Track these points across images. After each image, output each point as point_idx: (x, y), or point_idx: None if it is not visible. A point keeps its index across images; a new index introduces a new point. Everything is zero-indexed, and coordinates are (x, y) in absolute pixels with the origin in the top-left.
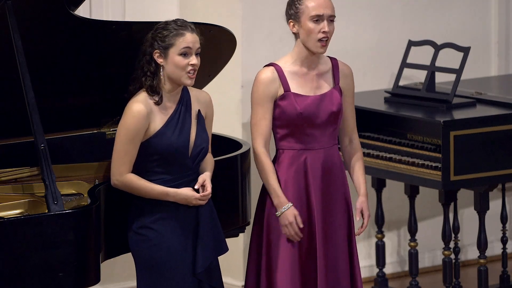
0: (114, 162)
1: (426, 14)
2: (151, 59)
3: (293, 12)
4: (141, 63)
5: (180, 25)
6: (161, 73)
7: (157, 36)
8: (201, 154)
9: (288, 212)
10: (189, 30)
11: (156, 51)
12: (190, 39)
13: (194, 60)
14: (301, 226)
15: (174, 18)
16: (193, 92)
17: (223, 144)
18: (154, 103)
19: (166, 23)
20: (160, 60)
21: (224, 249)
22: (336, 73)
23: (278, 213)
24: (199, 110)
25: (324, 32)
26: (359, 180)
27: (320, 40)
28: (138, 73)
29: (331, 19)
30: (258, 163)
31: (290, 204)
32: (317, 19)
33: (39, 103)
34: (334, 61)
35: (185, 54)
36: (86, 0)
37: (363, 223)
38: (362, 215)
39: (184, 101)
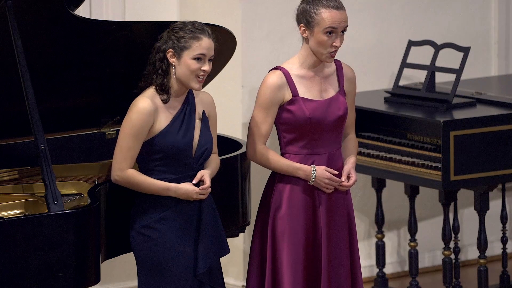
0: (116, 158)
1: (426, 14)
2: (164, 57)
3: (306, 19)
4: (153, 60)
5: (197, 28)
6: (172, 72)
7: (173, 36)
8: (204, 155)
9: (319, 174)
10: (206, 35)
11: (170, 50)
12: (206, 44)
13: (206, 66)
14: (337, 173)
15: (192, 20)
16: (196, 93)
17: (223, 144)
18: (162, 101)
19: (184, 23)
20: (172, 60)
21: (225, 250)
22: (341, 76)
23: (311, 181)
24: (203, 111)
25: (335, 46)
26: (350, 153)
27: (330, 52)
28: (150, 70)
29: (344, 30)
30: (262, 156)
31: (314, 166)
32: (331, 32)
33: (39, 103)
34: (338, 63)
35: (199, 59)
36: (86, 0)
37: (347, 181)
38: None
39: (189, 101)
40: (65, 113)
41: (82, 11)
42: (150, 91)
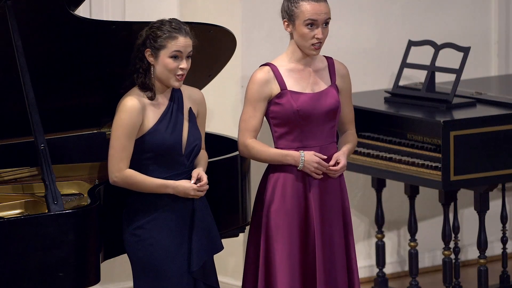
0: (111, 159)
1: (426, 14)
2: (143, 56)
3: (288, 13)
4: (133, 59)
5: (174, 28)
6: (152, 71)
7: (151, 35)
8: (194, 151)
9: (307, 159)
10: (183, 33)
11: (147, 49)
12: (182, 43)
13: (184, 64)
14: (325, 157)
15: (170, 18)
16: (185, 90)
17: (223, 144)
18: (148, 98)
19: (162, 22)
20: (150, 59)
21: (219, 247)
22: (333, 72)
23: (300, 166)
24: (190, 108)
25: (317, 38)
26: (345, 143)
27: (313, 44)
28: (131, 69)
29: (326, 22)
30: (251, 149)
31: (302, 151)
32: (311, 24)
33: (39, 103)
34: (329, 60)
35: (175, 57)
36: (86, 0)
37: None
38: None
39: (176, 98)
40: (65, 113)
41: (82, 11)
42: (135, 90)
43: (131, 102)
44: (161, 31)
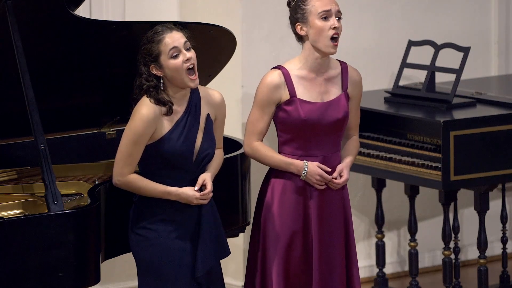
0: (117, 163)
1: (426, 14)
2: (149, 76)
3: (299, 15)
4: (140, 84)
5: (159, 31)
6: (164, 82)
7: (143, 53)
8: (206, 159)
9: (311, 170)
10: (168, 31)
11: (151, 66)
12: (173, 37)
13: (186, 55)
14: (329, 170)
15: (153, 28)
16: (204, 94)
17: (223, 144)
18: (165, 114)
19: (146, 37)
20: (158, 73)
21: (225, 252)
22: (345, 78)
23: (302, 176)
24: (208, 114)
25: (334, 28)
26: (348, 154)
27: (332, 38)
28: (138, 94)
29: (338, 15)
30: (256, 152)
31: (306, 162)
32: (326, 15)
33: (39, 103)
34: (343, 65)
35: (175, 55)
36: (86, 0)
37: (339, 177)
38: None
39: (193, 105)
40: (65, 113)
41: (82, 11)
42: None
43: (147, 111)
44: (150, 43)
